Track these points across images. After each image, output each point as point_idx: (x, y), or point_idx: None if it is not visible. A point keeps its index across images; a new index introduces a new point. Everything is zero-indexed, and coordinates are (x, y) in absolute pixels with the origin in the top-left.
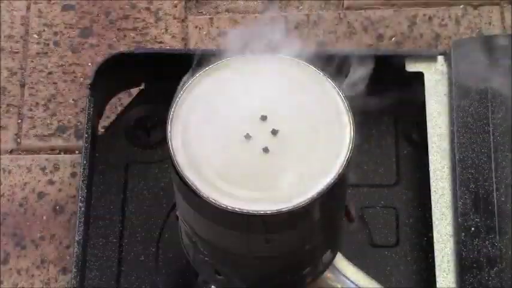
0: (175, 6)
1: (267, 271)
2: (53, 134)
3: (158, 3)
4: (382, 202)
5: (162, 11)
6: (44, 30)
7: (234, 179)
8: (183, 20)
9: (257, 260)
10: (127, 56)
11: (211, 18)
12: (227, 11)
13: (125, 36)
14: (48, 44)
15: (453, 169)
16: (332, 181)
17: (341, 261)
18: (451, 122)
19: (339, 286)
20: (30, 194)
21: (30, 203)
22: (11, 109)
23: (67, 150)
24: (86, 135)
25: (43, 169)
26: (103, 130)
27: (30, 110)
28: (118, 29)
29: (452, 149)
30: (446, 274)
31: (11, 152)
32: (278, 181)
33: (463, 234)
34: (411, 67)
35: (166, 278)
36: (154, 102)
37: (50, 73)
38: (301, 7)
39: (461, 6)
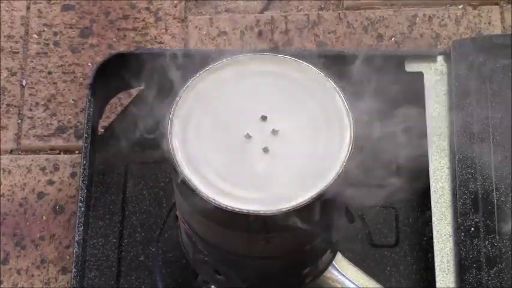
0: (175, 6)
1: (267, 271)
2: (53, 134)
3: (158, 3)
4: (382, 202)
5: (162, 11)
6: (43, 30)
7: (234, 179)
8: (183, 20)
9: (257, 260)
10: (127, 56)
11: (211, 18)
12: (227, 11)
13: (124, 36)
14: (48, 44)
15: (453, 169)
16: (332, 181)
17: (341, 261)
18: (451, 122)
19: (339, 286)
20: (30, 194)
21: (30, 203)
22: (11, 109)
23: (67, 150)
24: (86, 135)
25: (43, 169)
26: (103, 130)
27: (30, 110)
28: (118, 29)
29: (452, 149)
30: (446, 274)
31: (11, 152)
32: (278, 181)
33: (463, 234)
34: (411, 67)
35: (166, 278)
36: (154, 102)
37: (50, 73)
38: (301, 7)
39: (461, 6)
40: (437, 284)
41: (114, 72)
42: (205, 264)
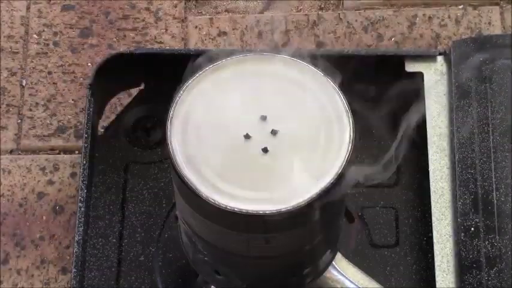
0: (175, 6)
1: (267, 271)
2: (53, 134)
3: (158, 3)
4: (382, 202)
5: (162, 11)
6: (43, 30)
7: (233, 179)
8: (183, 20)
9: (257, 260)
10: (127, 56)
11: (211, 18)
12: (227, 11)
13: (124, 36)
14: (48, 44)
15: (453, 169)
16: (332, 181)
17: (341, 261)
18: (451, 122)
19: (339, 286)
20: (30, 194)
21: (30, 203)
22: (11, 109)
23: (67, 150)
24: (86, 135)
25: (43, 169)
26: (103, 130)
27: (30, 110)
28: (118, 29)
29: (452, 149)
30: (446, 274)
31: (11, 152)
32: (277, 181)
33: (463, 234)
34: (411, 67)
35: (166, 278)
36: (154, 102)
37: (49, 73)
38: (301, 7)
39: (461, 7)
40: (437, 284)
41: (114, 72)
42: (205, 264)
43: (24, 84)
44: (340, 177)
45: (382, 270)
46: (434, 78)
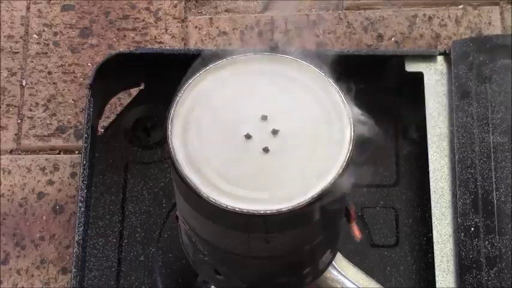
0: (175, 6)
1: (267, 271)
2: (53, 134)
3: (158, 3)
4: (382, 202)
5: (162, 11)
6: (43, 30)
7: (234, 178)
8: (183, 20)
9: (257, 260)
10: (127, 56)
11: (211, 18)
12: (227, 11)
13: (124, 36)
14: (48, 44)
15: (453, 169)
16: (332, 181)
17: (341, 261)
18: (451, 122)
19: (339, 286)
20: (30, 194)
21: (30, 203)
22: (11, 109)
23: (67, 150)
24: (86, 135)
25: (43, 169)
26: (103, 130)
27: (30, 110)
28: (118, 29)
29: (452, 149)
30: (446, 274)
31: (11, 152)
32: (278, 181)
33: (463, 234)
34: (411, 67)
35: (166, 278)
36: (154, 102)
37: (49, 73)
38: (301, 7)
39: (461, 6)
40: (437, 284)
41: (114, 72)
42: (205, 264)
43: (24, 84)
44: (341, 177)
45: (382, 270)
46: (434, 78)
